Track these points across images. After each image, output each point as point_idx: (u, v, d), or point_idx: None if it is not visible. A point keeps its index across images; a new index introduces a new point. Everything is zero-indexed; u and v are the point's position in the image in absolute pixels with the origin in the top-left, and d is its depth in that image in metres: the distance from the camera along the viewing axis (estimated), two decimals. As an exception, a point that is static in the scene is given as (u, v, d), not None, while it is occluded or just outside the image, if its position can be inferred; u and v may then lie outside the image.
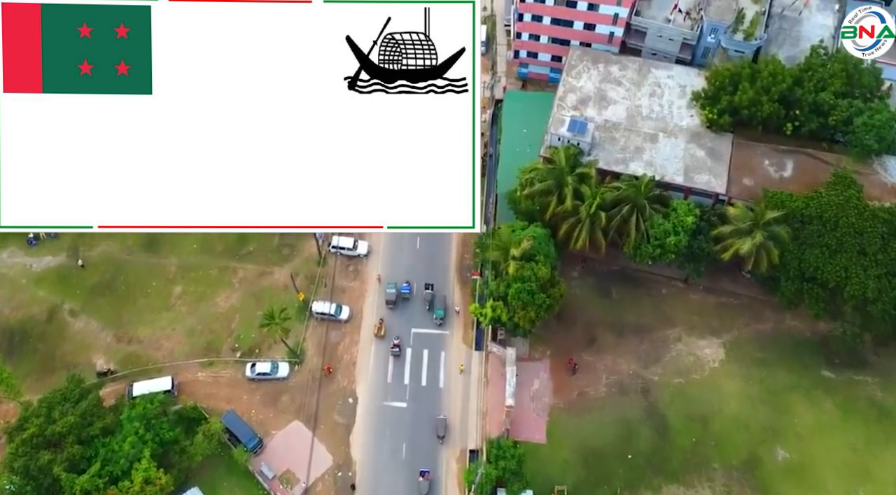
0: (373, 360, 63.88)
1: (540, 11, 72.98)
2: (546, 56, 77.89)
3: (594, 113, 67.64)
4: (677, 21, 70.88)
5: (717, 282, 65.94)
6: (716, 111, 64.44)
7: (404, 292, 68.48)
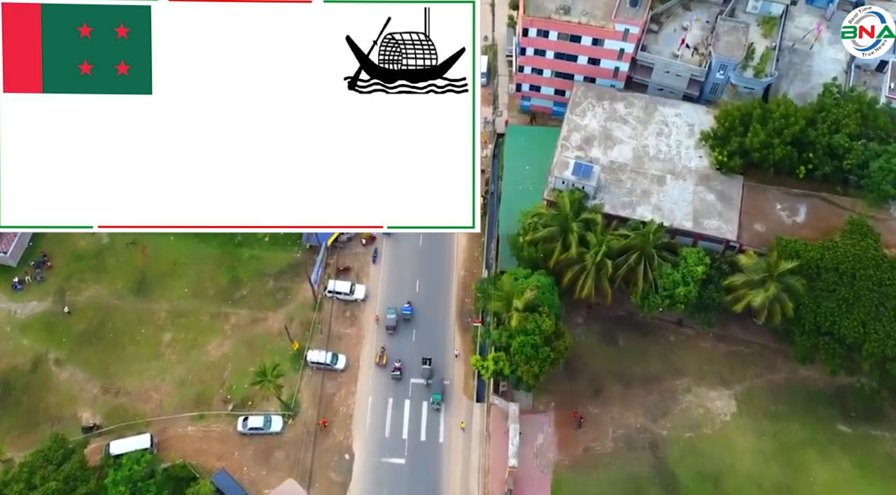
0: (370, 412, 61.45)
1: (543, 46, 70.72)
2: (549, 89, 75.62)
3: (599, 153, 65.34)
4: (685, 57, 68.65)
5: (728, 328, 63.50)
6: (726, 153, 62.14)
7: (406, 313, 67.10)
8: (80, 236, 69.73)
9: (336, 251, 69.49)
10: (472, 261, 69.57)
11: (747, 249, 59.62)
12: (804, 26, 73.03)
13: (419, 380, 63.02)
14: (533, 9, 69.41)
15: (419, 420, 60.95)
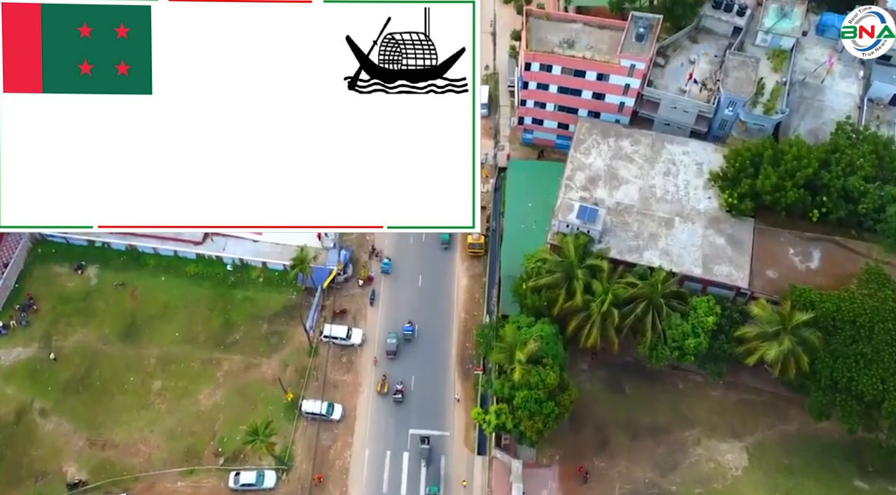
0: (367, 467, 59.05)
1: (546, 80, 68.54)
2: (552, 123, 73.46)
3: (604, 194, 63.09)
4: (692, 92, 66.46)
5: (738, 375, 61.04)
6: (736, 195, 59.88)
7: (407, 333, 65.49)
8: (68, 278, 67.51)
9: (332, 292, 67.20)
10: (473, 303, 67.28)
11: (759, 297, 57.37)
12: (815, 58, 70.92)
13: (418, 431, 60.70)
14: (536, 42, 67.30)
15: (418, 475, 58.60)
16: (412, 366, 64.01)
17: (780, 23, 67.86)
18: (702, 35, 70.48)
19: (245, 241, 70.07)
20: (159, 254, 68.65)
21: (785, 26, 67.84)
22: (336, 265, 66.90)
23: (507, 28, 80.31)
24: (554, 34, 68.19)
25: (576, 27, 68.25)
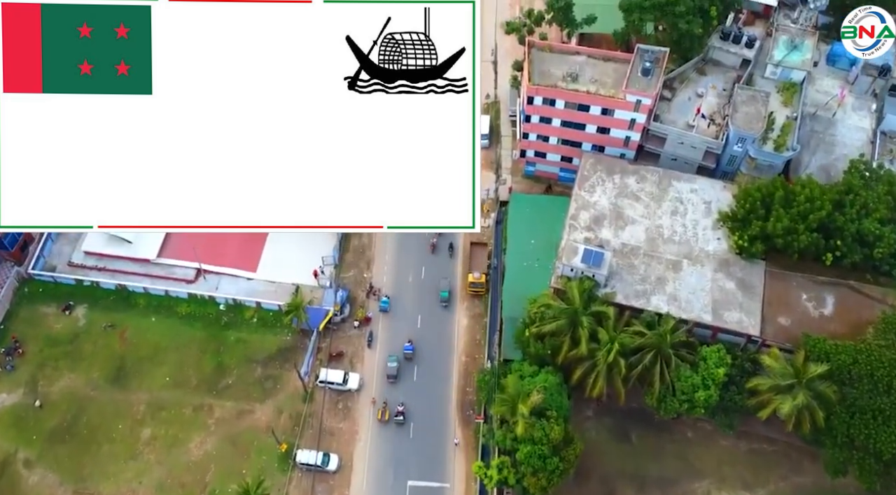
0: (364, 522, 56.96)
1: (549, 114, 66.52)
2: (555, 156, 71.41)
3: (610, 234, 60.98)
4: (700, 127, 64.39)
5: (750, 424, 58.59)
6: (746, 238, 57.77)
7: (408, 352, 64.08)
8: (55, 319, 65.40)
9: (329, 334, 65.04)
10: (474, 345, 65.10)
11: (771, 345, 55.22)
12: (826, 89, 68.88)
13: (417, 483, 58.49)
14: (538, 76, 65.29)
15: (416, 530, 56.54)
16: (410, 412, 61.78)
17: (789, 55, 65.87)
18: (709, 67, 68.47)
19: (239, 280, 67.98)
20: (150, 293, 66.58)
21: (795, 59, 65.83)
22: (333, 306, 64.75)
23: (509, 56, 78.30)
24: (557, 67, 66.19)
25: (579, 60, 66.26)
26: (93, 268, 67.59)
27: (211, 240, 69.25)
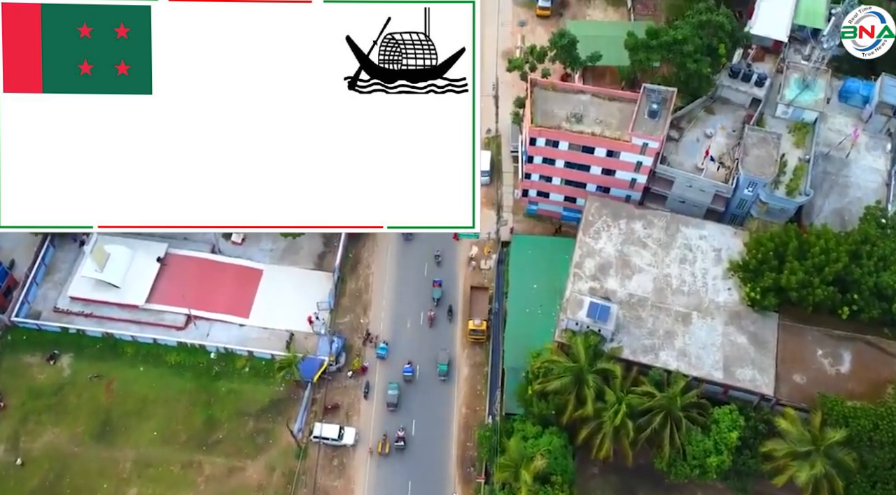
0: None
1: (552, 155, 64.20)
2: (559, 196, 69.04)
3: (616, 284, 58.53)
4: (709, 170, 62.02)
5: (764, 485, 56.01)
6: (759, 290, 55.36)
7: (407, 374, 62.70)
8: (39, 369, 62.98)
9: (324, 384, 62.56)
10: (475, 396, 62.61)
11: (786, 405, 52.78)
12: (838, 128, 66.55)
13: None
14: (541, 116, 62.97)
15: None
16: (408, 468, 59.32)
17: (801, 95, 63.57)
18: (718, 105, 66.17)
19: (231, 326, 65.54)
20: (138, 341, 64.14)
21: (807, 99, 63.52)
22: (328, 357, 62.29)
23: (510, 87, 75.93)
24: (560, 106, 63.87)
25: (584, 99, 63.95)
26: (79, 314, 65.18)
27: (202, 285, 66.96)
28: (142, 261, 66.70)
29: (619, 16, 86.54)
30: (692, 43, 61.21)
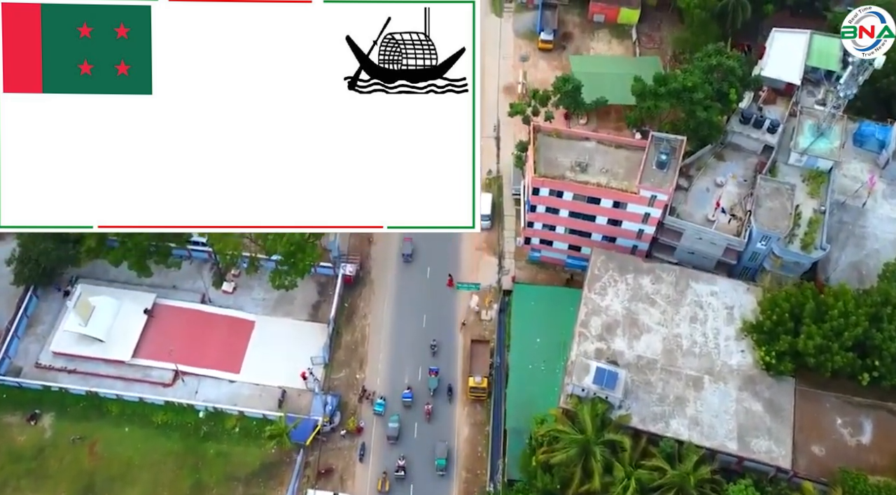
0: None
1: (556, 205, 61.58)
2: (563, 244, 66.40)
3: (624, 345, 55.82)
4: (720, 222, 59.31)
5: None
6: (774, 354, 52.69)
7: (406, 399, 61.22)
8: (19, 430, 60.15)
9: (317, 446, 59.74)
10: (476, 458, 59.78)
11: (804, 479, 50.04)
12: (854, 174, 64.00)
13: None
14: (545, 165, 60.36)
15: None
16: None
17: (816, 143, 60.98)
18: (728, 151, 63.55)
19: (221, 383, 62.78)
20: (123, 399, 61.33)
21: (822, 148, 60.94)
22: (321, 417, 59.50)
23: (511, 126, 73.22)
24: (565, 154, 61.28)
25: (589, 146, 61.38)
26: (62, 369, 62.42)
27: (191, 338, 64.27)
28: (128, 312, 63.97)
29: (623, 49, 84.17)
30: (702, 90, 58.63)
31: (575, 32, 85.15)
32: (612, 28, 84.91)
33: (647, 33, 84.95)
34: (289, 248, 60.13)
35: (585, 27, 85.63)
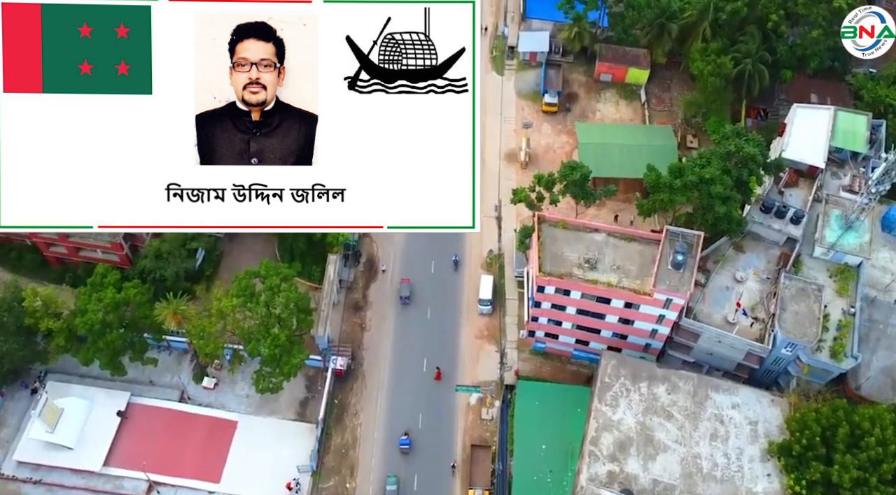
0: None
1: (563, 302, 56.96)
2: (569, 338, 61.71)
3: (638, 466, 51.01)
4: (741, 326, 54.61)
5: None
6: (804, 484, 47.88)
7: (404, 446, 58.74)
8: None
9: (303, 568, 54.89)
10: (476, 583, 54.92)
11: None
12: (883, 264, 59.44)
13: None
14: (550, 261, 55.75)
15: None
16: None
17: (844, 237, 56.43)
18: (748, 241, 58.92)
19: (199, 494, 57.89)
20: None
21: (851, 243, 56.43)
22: (308, 539, 54.73)
23: (513, 207, 68.60)
24: (572, 248, 56.65)
25: (598, 239, 56.79)
26: (27, 481, 57.55)
27: (167, 442, 59.40)
28: (99, 415, 59.11)
29: (632, 111, 79.67)
30: (721, 183, 53.98)
31: (580, 92, 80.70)
32: (619, 88, 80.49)
33: (657, 94, 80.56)
34: (273, 351, 55.39)
35: (591, 87, 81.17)
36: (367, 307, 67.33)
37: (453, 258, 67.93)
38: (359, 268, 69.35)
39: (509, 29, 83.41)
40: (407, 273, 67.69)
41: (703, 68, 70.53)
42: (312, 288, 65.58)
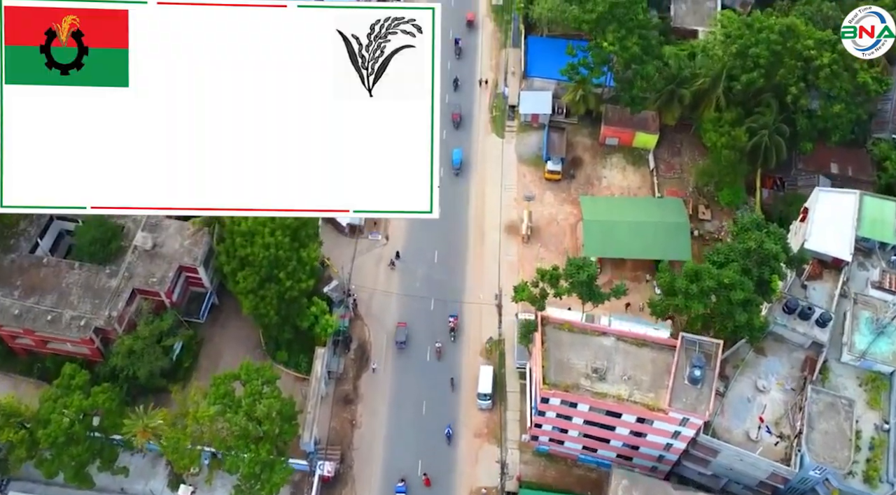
0: None
1: (569, 413, 52.29)
2: (576, 445, 56.93)
3: None
4: (765, 442, 49.94)
5: None
6: None
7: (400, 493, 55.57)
8: None
9: None
10: None
11: None
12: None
13: None
14: (555, 369, 51.18)
15: None
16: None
17: (875, 343, 51.77)
18: (770, 343, 54.27)
19: None
20: None
21: (883, 351, 51.77)
22: None
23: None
24: (578, 354, 52.03)
25: (607, 344, 52.19)
26: None
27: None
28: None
29: (640, 177, 75.12)
30: (742, 288, 49.33)
31: (585, 157, 76.17)
32: (626, 152, 75.98)
33: (667, 159, 76.05)
34: (252, 470, 50.75)
35: (597, 151, 76.63)
36: (357, 400, 62.55)
37: (447, 432, 59.62)
38: (349, 356, 64.66)
39: (510, 86, 79.04)
40: (401, 370, 63.05)
41: (717, 140, 66.15)
42: (298, 378, 61.02)
